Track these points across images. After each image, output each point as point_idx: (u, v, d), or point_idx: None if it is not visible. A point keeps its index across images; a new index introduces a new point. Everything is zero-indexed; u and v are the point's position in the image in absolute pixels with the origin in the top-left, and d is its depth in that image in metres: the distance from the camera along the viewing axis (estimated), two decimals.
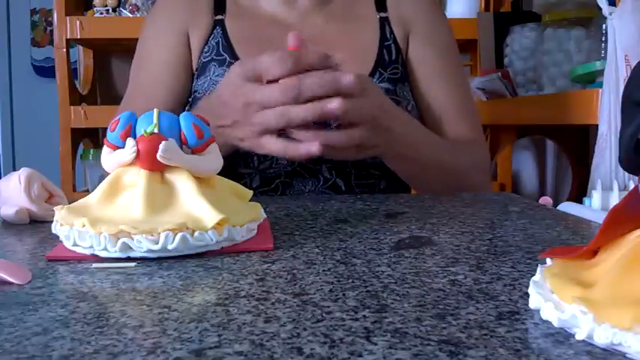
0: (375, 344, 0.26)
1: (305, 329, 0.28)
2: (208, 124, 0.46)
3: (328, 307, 0.31)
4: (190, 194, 0.44)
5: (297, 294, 0.33)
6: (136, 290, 0.34)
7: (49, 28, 3.41)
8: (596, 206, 0.79)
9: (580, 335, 0.26)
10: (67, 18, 1.65)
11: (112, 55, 1.90)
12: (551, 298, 0.29)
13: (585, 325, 0.26)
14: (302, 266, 0.39)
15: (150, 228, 0.41)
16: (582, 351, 0.25)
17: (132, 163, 0.44)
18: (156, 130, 0.44)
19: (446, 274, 0.37)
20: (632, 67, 0.59)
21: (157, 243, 0.40)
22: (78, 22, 1.65)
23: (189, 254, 0.42)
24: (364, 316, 0.29)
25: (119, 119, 0.45)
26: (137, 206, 0.43)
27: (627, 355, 0.25)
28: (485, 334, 0.27)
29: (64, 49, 1.68)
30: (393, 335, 0.27)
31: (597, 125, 0.98)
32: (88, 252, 0.42)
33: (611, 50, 0.95)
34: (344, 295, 0.33)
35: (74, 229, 0.42)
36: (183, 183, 0.44)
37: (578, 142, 1.56)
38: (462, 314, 0.30)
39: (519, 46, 1.48)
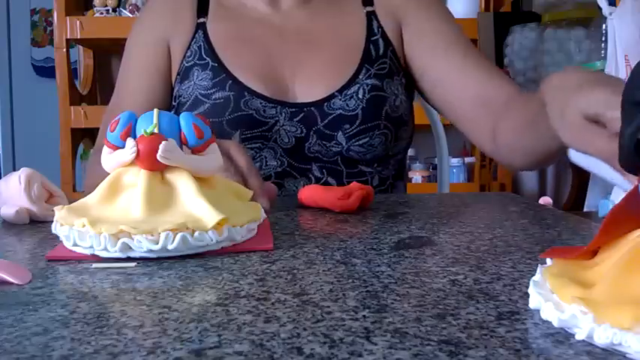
0: (375, 344, 0.26)
1: (305, 329, 0.28)
2: (208, 124, 0.46)
3: (328, 307, 0.31)
4: (190, 194, 0.44)
5: (297, 294, 0.33)
6: (136, 290, 0.34)
7: (49, 28, 3.41)
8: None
9: (580, 335, 0.26)
10: (67, 18, 1.65)
11: (112, 55, 1.91)
12: (551, 298, 0.29)
13: (585, 325, 0.26)
14: (302, 266, 0.39)
15: (150, 228, 0.41)
16: (582, 351, 0.25)
17: (132, 163, 0.44)
18: (156, 130, 0.44)
19: (446, 274, 0.37)
20: (632, 67, 0.59)
21: (157, 243, 0.40)
22: (78, 22, 1.66)
23: (189, 254, 0.42)
24: (364, 316, 0.29)
25: (119, 119, 0.45)
26: (137, 206, 0.43)
27: (627, 355, 0.25)
28: (485, 334, 0.27)
29: (64, 49, 1.68)
30: (393, 335, 0.27)
31: None
32: (88, 252, 0.42)
33: (611, 50, 0.96)
34: (344, 295, 0.33)
35: (74, 229, 0.42)
36: (183, 183, 0.44)
37: None
38: (462, 314, 0.30)
39: (519, 46, 1.48)
